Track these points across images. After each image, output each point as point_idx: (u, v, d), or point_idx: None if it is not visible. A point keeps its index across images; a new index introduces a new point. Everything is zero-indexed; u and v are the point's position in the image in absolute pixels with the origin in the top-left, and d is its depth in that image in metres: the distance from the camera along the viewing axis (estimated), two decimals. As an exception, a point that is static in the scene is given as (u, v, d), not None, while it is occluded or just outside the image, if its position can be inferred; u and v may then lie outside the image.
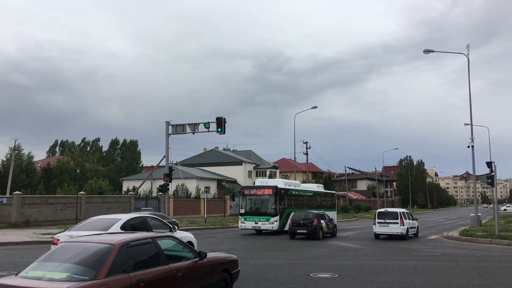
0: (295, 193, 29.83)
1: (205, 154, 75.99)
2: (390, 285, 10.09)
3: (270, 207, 26.37)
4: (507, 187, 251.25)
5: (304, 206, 30.20)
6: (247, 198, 27.26)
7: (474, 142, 30.89)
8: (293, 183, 31.26)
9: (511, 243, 20.24)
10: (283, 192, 27.41)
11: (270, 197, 26.53)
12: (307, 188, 33.16)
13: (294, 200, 29.39)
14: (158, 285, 6.41)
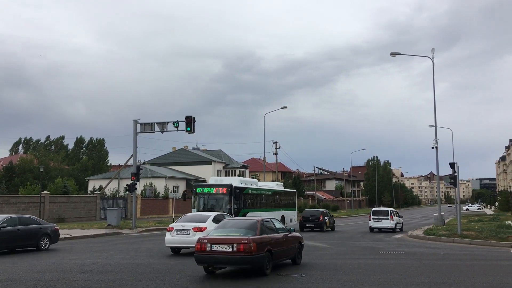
0: (252, 192, 28.05)
1: (174, 153, 75.25)
2: (356, 283, 10.22)
3: (224, 207, 24.61)
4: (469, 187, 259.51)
5: (262, 206, 28.90)
6: (200, 197, 25.48)
7: (438, 144, 31.68)
8: (250, 181, 29.67)
9: (473, 242, 20.88)
10: (239, 191, 25.82)
11: (225, 196, 24.86)
12: (266, 187, 31.47)
13: (251, 199, 27.71)
14: (278, 243, 12.15)
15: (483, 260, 14.74)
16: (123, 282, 10.44)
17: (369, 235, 27.62)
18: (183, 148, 76.63)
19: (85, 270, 12.19)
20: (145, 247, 19.04)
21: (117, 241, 21.77)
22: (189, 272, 11.77)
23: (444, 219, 35.94)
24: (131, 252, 16.96)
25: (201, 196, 25.45)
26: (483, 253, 17.00)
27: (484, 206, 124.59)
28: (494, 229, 23.96)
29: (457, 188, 25.51)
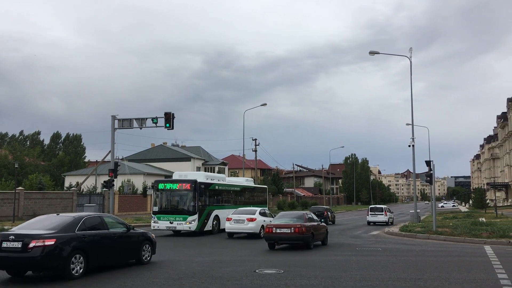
0: (219, 188, 26.43)
1: (153, 149, 74.63)
2: (333, 279, 10.32)
3: (188, 204, 23.11)
4: (444, 185, 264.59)
5: (230, 203, 27.51)
6: (162, 194, 23.88)
7: (415, 142, 32.22)
8: (217, 177, 28.13)
9: (447, 238, 21.29)
10: (204, 186, 24.16)
11: (188, 192, 23.19)
12: (234, 183, 29.90)
13: (217, 196, 26.20)
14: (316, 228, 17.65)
15: (457, 257, 15.04)
16: (98, 278, 10.30)
17: (346, 232, 27.92)
18: (162, 144, 76.07)
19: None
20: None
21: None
22: (166, 270, 11.66)
23: (420, 216, 36.57)
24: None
25: (163, 193, 23.87)
26: (457, 249, 17.34)
27: (458, 203, 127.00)
28: (468, 226, 24.45)
29: (432, 185, 25.96)
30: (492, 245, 18.68)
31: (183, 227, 22.92)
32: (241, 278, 10.46)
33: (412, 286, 9.68)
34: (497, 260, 13.54)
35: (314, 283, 9.95)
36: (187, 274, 11.07)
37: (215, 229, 24.60)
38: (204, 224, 23.75)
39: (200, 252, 16.11)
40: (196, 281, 10.18)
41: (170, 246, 18.18)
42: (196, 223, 22.87)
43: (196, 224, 22.88)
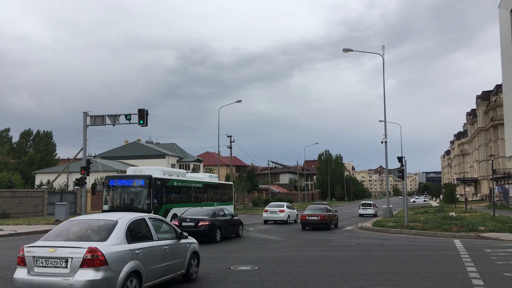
0: (178, 185, 24.74)
1: (127, 146, 73.71)
2: (307, 275, 10.42)
3: (142, 202, 21.34)
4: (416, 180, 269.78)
5: (191, 200, 25.88)
6: (113, 191, 22.12)
7: (388, 138, 32.76)
8: (176, 172, 26.17)
9: (419, 233, 21.74)
10: (160, 183, 22.46)
11: (143, 189, 21.44)
12: (196, 179, 28.18)
13: (176, 193, 24.62)
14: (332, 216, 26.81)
15: (428, 251, 15.38)
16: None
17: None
18: (135, 141, 75.21)
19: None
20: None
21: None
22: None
23: (392, 211, 37.23)
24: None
25: (115, 190, 22.07)
26: (428, 243, 17.73)
27: (430, 198, 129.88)
28: (439, 221, 25.02)
29: (404, 181, 26.46)
30: (462, 239, 19.18)
31: None
32: (216, 275, 10.45)
33: (384, 280, 9.86)
34: (466, 254, 13.92)
35: (289, 278, 10.02)
36: (161, 272, 10.98)
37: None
38: None
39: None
40: (170, 279, 10.10)
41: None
42: None
43: None
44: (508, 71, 59.70)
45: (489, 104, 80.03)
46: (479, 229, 21.13)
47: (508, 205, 49.88)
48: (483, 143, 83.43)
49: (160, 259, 8.48)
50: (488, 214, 32.93)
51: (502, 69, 62.27)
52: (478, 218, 27.98)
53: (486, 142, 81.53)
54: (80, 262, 6.98)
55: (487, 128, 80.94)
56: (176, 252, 9.16)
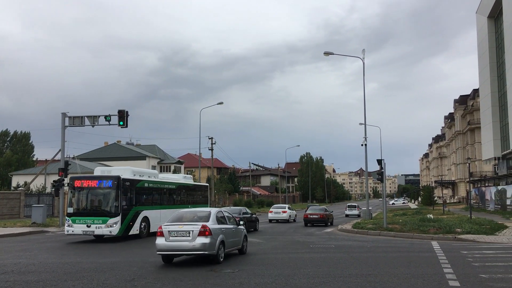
0: (150, 186, 23.37)
1: (106, 148, 72.90)
2: (286, 277, 10.43)
3: (109, 205, 20.05)
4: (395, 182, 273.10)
5: (164, 202, 24.60)
6: (79, 193, 20.57)
7: (367, 141, 33.04)
8: (148, 173, 24.72)
9: (397, 235, 22.00)
10: (130, 184, 21.09)
11: (110, 190, 20.08)
12: (169, 180, 26.78)
13: (147, 195, 23.14)
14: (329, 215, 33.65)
15: (406, 252, 15.57)
16: (47, 282, 9.96)
17: (301, 229, 28.30)
18: (115, 142, 74.42)
19: (5, 270, 11.50)
20: (73, 246, 18.31)
21: (42, 240, 20.73)
22: (118, 272, 11.45)
23: (371, 213, 37.63)
24: (56, 251, 16.22)
25: (80, 191, 20.54)
26: (406, 245, 17.95)
27: (408, 200, 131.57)
28: (417, 223, 25.33)
29: (383, 183, 26.76)
30: (439, 240, 19.49)
31: (103, 231, 19.73)
32: (195, 278, 10.38)
33: (362, 281, 9.93)
34: (443, 255, 14.13)
35: (268, 281, 10.02)
36: (140, 275, 10.88)
37: (144, 232, 21.71)
38: (129, 227, 20.72)
39: (154, 253, 15.85)
40: (149, 281, 10.02)
41: (123, 247, 17.81)
42: (118, 226, 19.78)
43: (119, 228, 19.81)
44: (484, 75, 60.97)
45: (466, 108, 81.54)
46: (456, 231, 21.48)
47: (484, 207, 50.86)
48: (460, 146, 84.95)
49: (231, 236, 13.83)
50: (465, 216, 33.51)
51: (479, 73, 63.56)
52: (455, 220, 28.44)
53: (463, 146, 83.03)
54: (198, 233, 12.21)
55: (464, 131, 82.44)
56: (237, 233, 14.51)
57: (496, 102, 58.06)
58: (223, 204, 67.53)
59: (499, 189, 45.51)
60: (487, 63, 59.32)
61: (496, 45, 58.71)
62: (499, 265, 12.16)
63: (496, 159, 59.42)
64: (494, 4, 55.74)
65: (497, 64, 58.31)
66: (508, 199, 41.40)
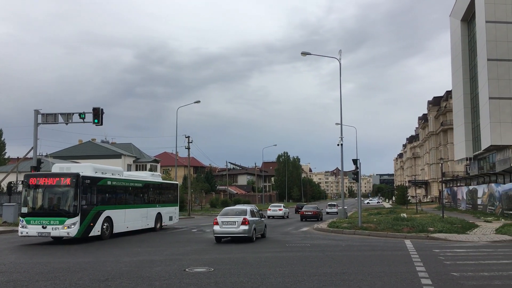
0: (113, 184, 21.83)
1: (81, 146, 71.71)
2: (262, 276, 10.45)
3: (67, 204, 18.68)
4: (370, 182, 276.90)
5: (129, 201, 23.19)
6: (34, 191, 19.09)
7: (343, 141, 33.43)
8: (111, 170, 22.85)
9: (372, 234, 22.30)
10: (90, 182, 19.72)
11: (69, 189, 18.66)
12: (135, 178, 25.24)
13: (110, 194, 21.66)
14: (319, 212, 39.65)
15: (380, 251, 15.80)
16: (18, 283, 9.73)
17: (277, 228, 28.41)
18: (90, 140, 73.28)
19: (-27, 272, 11.19)
20: (45, 246, 17.95)
21: (13, 240, 20.24)
22: (91, 271, 11.28)
23: (347, 212, 38.04)
24: (28, 251, 15.89)
25: (36, 190, 19.11)
26: (380, 244, 18.21)
27: (383, 200, 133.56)
28: (391, 222, 25.72)
29: (359, 183, 27.08)
30: (412, 239, 19.82)
31: (60, 233, 18.43)
32: (170, 278, 10.31)
33: (337, 280, 10.03)
34: (416, 254, 14.38)
35: (244, 280, 10.02)
36: (113, 275, 10.74)
37: (106, 233, 20.48)
38: (90, 228, 19.41)
39: (128, 252, 15.70)
40: (123, 281, 9.90)
41: (97, 246, 17.56)
42: (76, 227, 18.49)
43: (77, 229, 18.52)
44: (457, 78, 62.33)
45: (439, 109, 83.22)
46: (429, 230, 21.90)
47: (456, 206, 52.00)
48: (433, 146, 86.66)
49: (258, 225, 20.29)
50: (438, 215, 34.18)
51: (452, 75, 64.94)
52: (428, 219, 28.98)
53: (436, 146, 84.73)
54: (241, 222, 18.54)
55: (437, 132, 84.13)
56: (261, 223, 21.12)
57: (468, 104, 59.43)
58: (200, 204, 67.26)
59: (470, 189, 46.60)
60: (460, 66, 60.66)
61: (469, 48, 60.11)
62: (469, 263, 12.45)
63: (468, 160, 60.88)
64: (467, 7, 57.03)
65: (469, 66, 59.70)
66: (479, 199, 42.44)
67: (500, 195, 35.81)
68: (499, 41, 47.93)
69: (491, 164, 53.69)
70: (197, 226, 30.84)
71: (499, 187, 36.38)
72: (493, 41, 47.99)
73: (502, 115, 46.94)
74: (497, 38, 47.88)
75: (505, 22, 48.15)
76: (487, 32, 48.21)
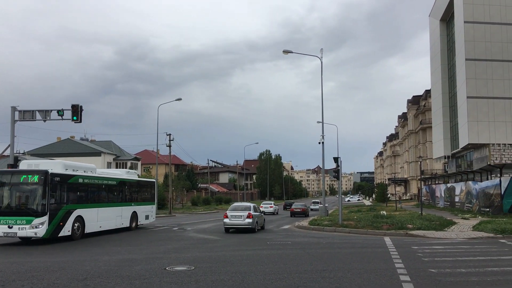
0: (85, 182, 20.72)
1: (59, 143, 70.61)
2: (243, 274, 10.45)
3: (35, 203, 17.85)
4: (351, 180, 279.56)
5: (102, 200, 22.34)
6: (1, 189, 18.23)
7: (325, 139, 33.65)
8: (83, 167, 21.73)
9: (352, 231, 22.50)
10: (60, 179, 18.82)
11: (37, 186, 17.85)
12: (109, 175, 24.07)
13: (82, 192, 20.50)
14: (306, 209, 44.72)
15: (360, 248, 15.95)
16: (-7, 283, 9.53)
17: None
18: (69, 138, 72.23)
19: None
20: (21, 245, 17.64)
21: (-11, 239, 19.82)
22: (69, 271, 11.12)
23: (328, 210, 38.30)
24: (4, 250, 15.59)
25: (3, 187, 18.22)
26: (360, 241, 18.39)
27: (363, 197, 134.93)
28: (371, 219, 26.01)
29: (339, 181, 27.29)
30: (392, 236, 20.08)
31: (27, 233, 17.58)
32: (150, 277, 10.22)
33: (317, 277, 10.09)
34: (395, 251, 14.57)
35: (225, 278, 10.00)
36: (92, 274, 10.60)
37: (77, 234, 19.51)
38: (59, 228, 18.50)
39: (108, 251, 15.53)
40: (103, 281, 9.78)
41: (75, 245, 17.32)
42: (45, 226, 17.67)
43: (45, 229, 17.69)
44: (436, 77, 63.28)
45: (419, 108, 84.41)
46: (408, 227, 22.20)
47: (434, 204, 52.86)
48: (412, 145, 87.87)
49: (260, 219, 24.57)
50: (416, 212, 34.70)
51: (431, 75, 65.90)
52: (407, 216, 29.37)
53: (416, 144, 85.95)
54: (246, 216, 22.95)
55: (416, 131, 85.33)
56: (261, 217, 25.50)
57: (447, 103, 60.43)
58: (181, 202, 66.93)
59: (448, 186, 47.42)
60: (439, 65, 61.61)
61: (448, 48, 61.07)
62: (447, 260, 12.66)
63: (446, 158, 61.93)
64: (446, 7, 57.91)
65: (448, 66, 60.67)
66: (456, 197, 43.21)
67: (477, 193, 36.52)
68: (477, 41, 48.82)
69: (468, 162, 54.72)
70: (178, 224, 30.68)
71: (476, 185, 37.09)
72: (471, 41, 48.86)
73: (479, 114, 47.86)
74: (475, 38, 48.76)
75: (483, 22, 49.06)
76: (466, 32, 49.05)
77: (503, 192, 31.21)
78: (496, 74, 48.02)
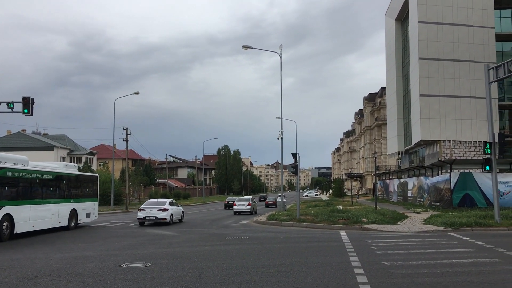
0: (14, 176, 18.32)
1: (9, 137, 67.78)
2: (200, 270, 10.39)
3: None
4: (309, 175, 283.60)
5: (35, 196, 19.80)
6: None
7: (284, 135, 33.87)
8: (13, 159, 19.19)
9: (309, 225, 22.83)
10: None
11: None
12: (43, 169, 21.24)
13: (11, 187, 18.14)
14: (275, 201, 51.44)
15: (317, 242, 16.22)
16: None
17: (217, 222, 28.39)
18: (20, 131, 69.44)
19: None
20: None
21: None
22: (19, 269, 10.69)
23: (286, 205, 38.72)
24: (-52, 249, 14.75)
25: None
26: (317, 235, 18.69)
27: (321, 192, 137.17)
28: (327, 214, 26.49)
29: (297, 176, 27.62)
30: (347, 230, 20.53)
31: None
32: (104, 274, 9.99)
33: (274, 271, 10.17)
34: (350, 244, 14.90)
35: (181, 274, 9.91)
36: (43, 272, 10.24)
37: (5, 233, 17.28)
38: None
39: (60, 248, 15.06)
40: (54, 279, 9.47)
41: (25, 243, 16.68)
42: None
43: None
44: (391, 75, 65.02)
45: (374, 105, 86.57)
46: (363, 221, 22.77)
47: (388, 198, 54.45)
48: (368, 141, 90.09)
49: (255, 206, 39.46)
50: (371, 207, 35.62)
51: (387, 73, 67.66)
52: (362, 211, 30.12)
53: (371, 140, 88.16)
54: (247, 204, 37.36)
55: (372, 127, 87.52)
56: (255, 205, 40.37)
57: (401, 100, 62.23)
58: (138, 197, 65.81)
59: (401, 181, 48.95)
60: (394, 63, 63.31)
61: (402, 47, 62.83)
62: (400, 253, 13.08)
63: (399, 154, 63.83)
64: (401, 7, 59.51)
65: (402, 64, 62.44)
66: (409, 191, 44.68)
67: (428, 188, 37.89)
68: (430, 41, 50.45)
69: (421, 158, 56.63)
70: (134, 220, 30.11)
71: (428, 180, 38.48)
72: (424, 41, 50.43)
73: (431, 112, 49.53)
74: (428, 38, 50.37)
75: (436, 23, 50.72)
76: (419, 32, 50.57)
77: (452, 187, 32.54)
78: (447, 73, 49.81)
